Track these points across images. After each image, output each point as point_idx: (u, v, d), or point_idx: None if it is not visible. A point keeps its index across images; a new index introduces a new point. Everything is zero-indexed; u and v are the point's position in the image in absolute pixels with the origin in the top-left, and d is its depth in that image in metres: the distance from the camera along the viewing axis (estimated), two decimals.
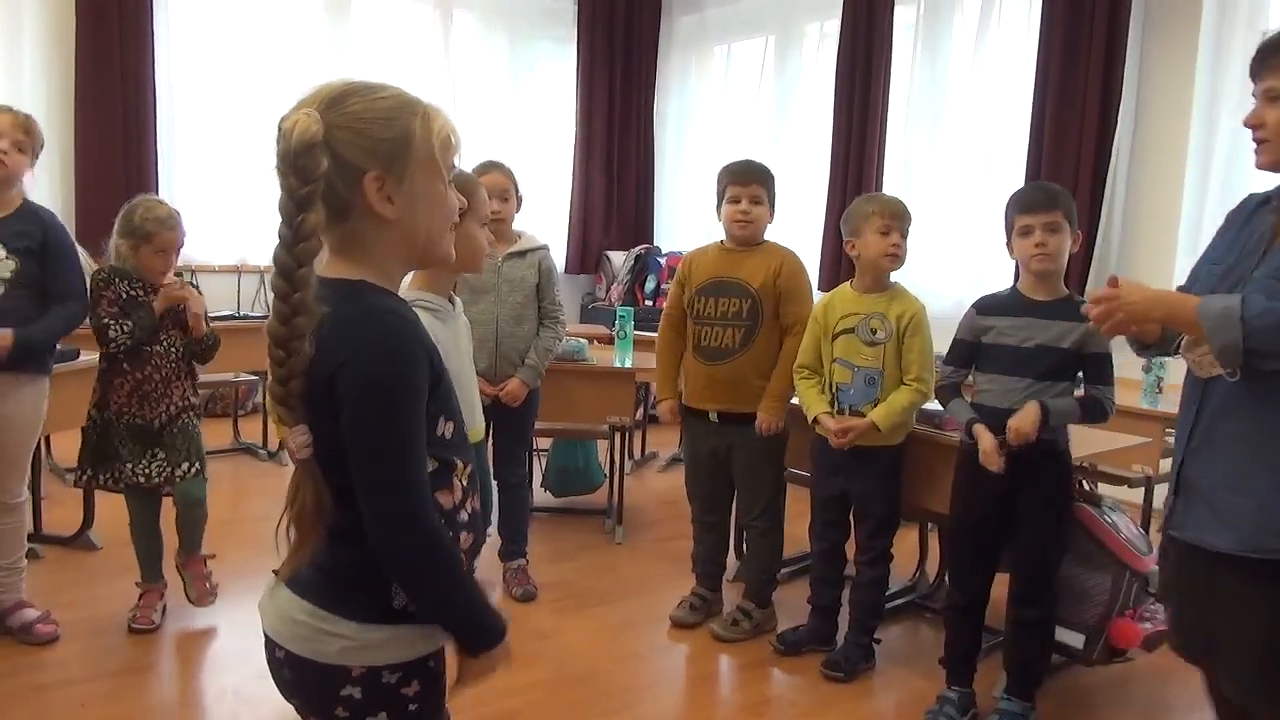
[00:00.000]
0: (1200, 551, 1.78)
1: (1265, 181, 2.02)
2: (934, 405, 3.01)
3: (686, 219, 7.17)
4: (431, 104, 1.23)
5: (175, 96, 5.73)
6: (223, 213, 5.75)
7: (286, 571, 1.19)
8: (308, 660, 1.20)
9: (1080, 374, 2.50)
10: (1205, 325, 1.64)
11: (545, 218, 6.85)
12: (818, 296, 3.10)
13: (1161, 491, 3.50)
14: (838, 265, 5.66)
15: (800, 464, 3.16)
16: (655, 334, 3.48)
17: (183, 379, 2.94)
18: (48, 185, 5.43)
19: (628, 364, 4.03)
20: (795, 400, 3.01)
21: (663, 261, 6.80)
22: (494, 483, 3.30)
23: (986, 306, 2.58)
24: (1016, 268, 2.58)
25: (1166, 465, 3.51)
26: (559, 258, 7.09)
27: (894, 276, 2.88)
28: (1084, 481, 2.83)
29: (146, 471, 2.87)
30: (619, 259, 7.08)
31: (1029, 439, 2.39)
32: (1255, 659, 1.73)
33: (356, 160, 1.14)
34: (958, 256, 5.39)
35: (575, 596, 3.41)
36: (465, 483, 1.25)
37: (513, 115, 6.89)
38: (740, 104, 6.93)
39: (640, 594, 3.46)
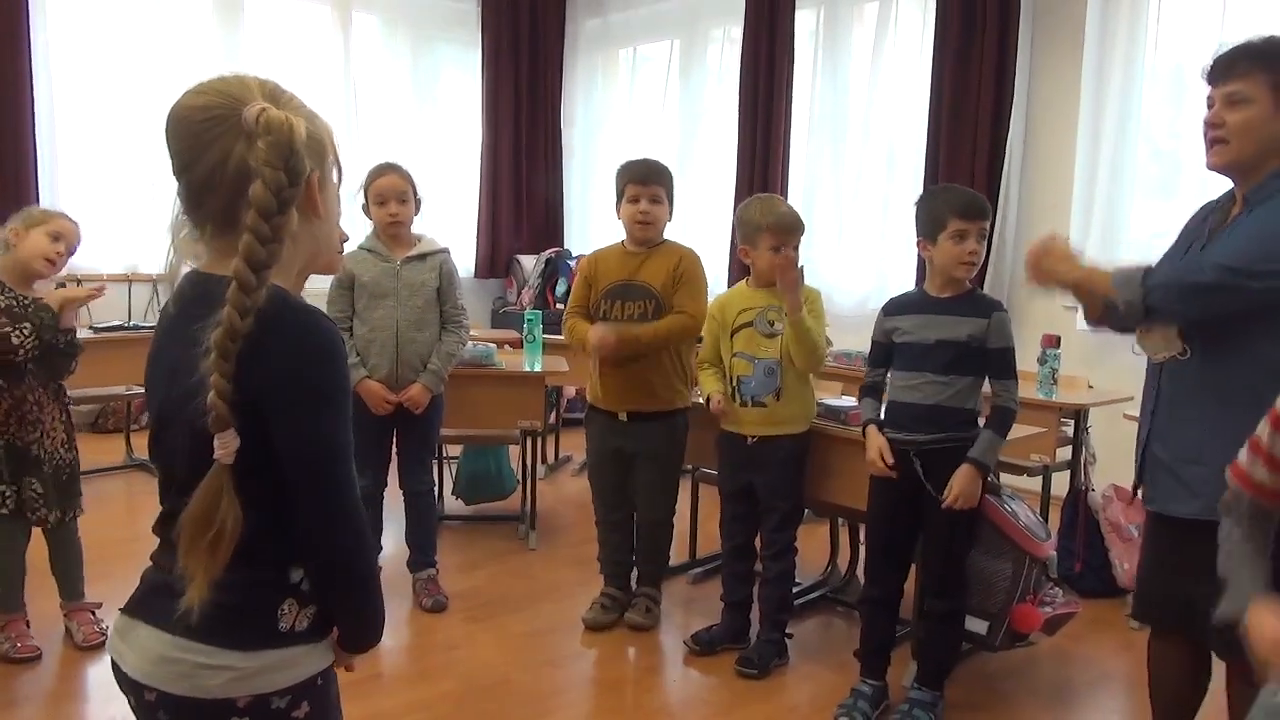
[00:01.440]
0: (1170, 520, 1.95)
1: (1152, 188, 2.28)
2: (839, 401, 3.07)
3: (597, 222, 7.15)
4: None
5: (56, 101, 5.45)
6: (112, 219, 5.50)
7: (194, 599, 1.07)
8: (187, 699, 1.13)
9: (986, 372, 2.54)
10: (1113, 281, 1.90)
11: (454, 222, 6.74)
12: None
13: (1059, 479, 3.66)
14: (746, 267, 5.71)
15: (710, 462, 3.18)
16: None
17: (52, 403, 2.81)
18: None
19: (537, 368, 3.99)
20: (699, 398, 3.04)
21: (573, 264, 6.75)
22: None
23: (893, 307, 2.64)
24: (920, 266, 2.63)
25: (1063, 454, 3.64)
26: (469, 262, 7.00)
27: None
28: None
29: (22, 500, 2.73)
30: (529, 263, 7.01)
31: (973, 502, 2.48)
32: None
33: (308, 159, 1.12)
34: (862, 256, 5.49)
35: (487, 605, 3.35)
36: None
37: (416, 119, 6.76)
38: (647, 107, 6.94)
39: (554, 600, 3.42)
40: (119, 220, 5.53)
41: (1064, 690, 2.91)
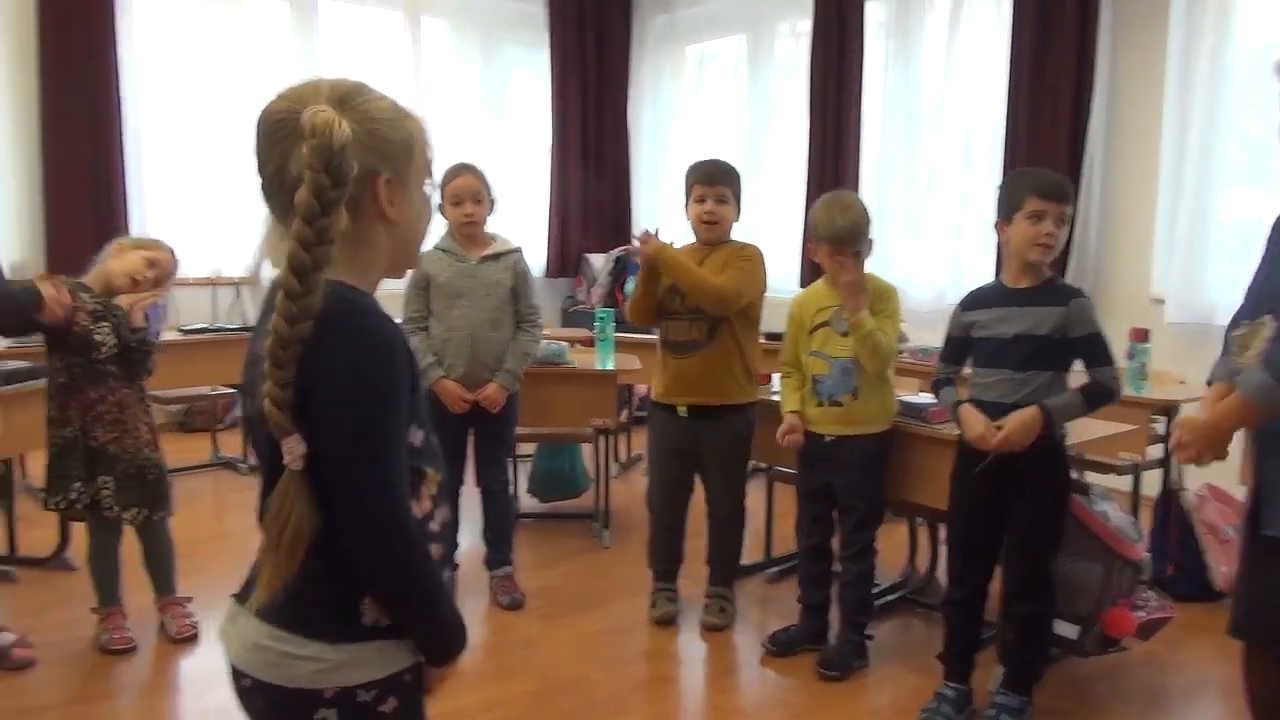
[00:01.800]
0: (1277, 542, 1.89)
1: (1242, 176, 2.15)
2: (918, 398, 3.01)
3: (665, 220, 7.11)
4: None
5: (141, 109, 5.64)
6: (195, 225, 5.67)
7: (264, 598, 1.11)
8: (276, 686, 1.16)
9: (1073, 362, 2.44)
10: (1259, 405, 1.81)
11: (524, 222, 6.79)
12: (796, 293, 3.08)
13: (1151, 479, 3.53)
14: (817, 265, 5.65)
15: (785, 460, 3.14)
16: (636, 335, 3.44)
17: (137, 404, 2.87)
18: (15, 204, 5.36)
19: (609, 366, 3.99)
20: (774, 396, 3.02)
21: None
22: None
23: (970, 301, 2.57)
24: (998, 257, 2.56)
25: (1153, 452, 3.52)
26: (539, 261, 7.05)
27: (875, 268, 2.88)
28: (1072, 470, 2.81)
29: (96, 498, 2.80)
30: (599, 261, 7.03)
31: (1019, 447, 2.35)
32: None
33: (370, 162, 1.12)
34: (937, 250, 5.38)
35: (563, 603, 3.37)
36: (435, 493, 1.23)
37: (486, 120, 6.83)
38: (715, 103, 6.90)
39: (629, 598, 3.41)
40: (203, 226, 5.69)
41: (1159, 696, 2.81)
